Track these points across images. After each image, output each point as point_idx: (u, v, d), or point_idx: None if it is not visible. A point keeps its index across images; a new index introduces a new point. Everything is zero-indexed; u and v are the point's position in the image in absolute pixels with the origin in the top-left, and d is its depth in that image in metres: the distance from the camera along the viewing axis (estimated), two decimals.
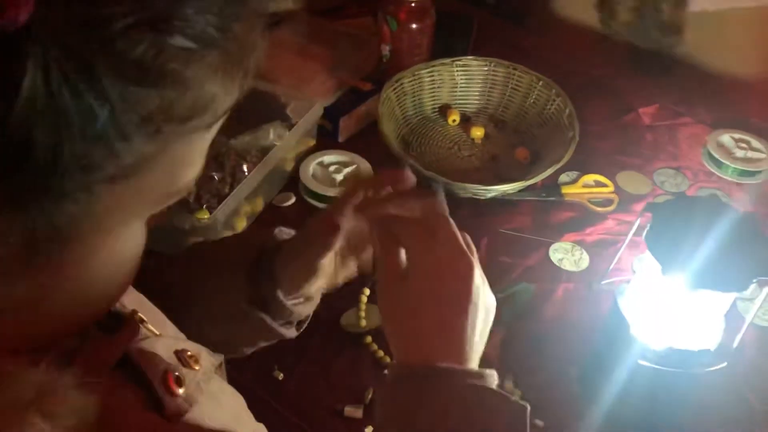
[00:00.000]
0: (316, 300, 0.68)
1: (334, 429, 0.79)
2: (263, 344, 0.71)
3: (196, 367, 0.51)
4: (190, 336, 0.57)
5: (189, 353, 0.52)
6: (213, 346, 0.56)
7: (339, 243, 0.62)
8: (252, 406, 0.59)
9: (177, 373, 0.49)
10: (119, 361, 0.47)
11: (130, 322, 0.49)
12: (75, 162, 0.32)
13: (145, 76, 0.33)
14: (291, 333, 0.68)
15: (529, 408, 0.52)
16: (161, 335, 0.52)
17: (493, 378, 0.53)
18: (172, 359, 0.50)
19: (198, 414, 0.49)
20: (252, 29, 0.38)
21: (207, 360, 0.53)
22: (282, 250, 0.65)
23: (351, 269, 0.68)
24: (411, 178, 0.61)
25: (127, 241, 0.41)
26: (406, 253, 0.56)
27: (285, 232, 0.68)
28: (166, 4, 0.33)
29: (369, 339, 0.87)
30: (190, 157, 0.39)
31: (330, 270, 0.65)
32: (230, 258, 0.66)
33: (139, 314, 0.51)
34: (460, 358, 0.53)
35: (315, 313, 0.70)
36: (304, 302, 0.67)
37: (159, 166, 0.37)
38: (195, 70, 0.35)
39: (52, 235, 0.35)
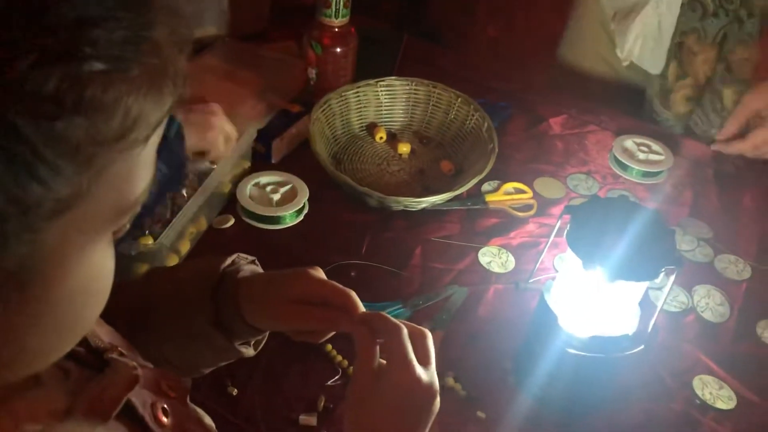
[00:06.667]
0: None
1: None
2: (223, 364, 0.74)
3: (172, 394, 0.51)
4: (148, 358, 0.57)
5: (164, 381, 0.52)
6: (173, 369, 0.57)
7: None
8: None
9: (164, 405, 0.48)
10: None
11: (128, 371, 0.47)
12: (11, 206, 0.31)
13: (62, 109, 0.31)
14: (250, 352, 0.70)
15: None
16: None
17: None
18: (151, 389, 0.49)
19: None
20: (170, 32, 0.35)
21: (179, 385, 0.54)
22: (249, 287, 0.66)
23: None
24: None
25: (94, 264, 0.39)
26: (385, 355, 0.60)
27: (243, 258, 0.70)
28: (69, 33, 0.31)
29: (329, 347, 0.90)
30: (135, 171, 0.37)
31: None
32: (193, 283, 0.67)
33: (119, 349, 0.50)
34: None
35: None
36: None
37: (102, 188, 0.35)
38: (116, 91, 0.32)
39: (5, 280, 0.34)
